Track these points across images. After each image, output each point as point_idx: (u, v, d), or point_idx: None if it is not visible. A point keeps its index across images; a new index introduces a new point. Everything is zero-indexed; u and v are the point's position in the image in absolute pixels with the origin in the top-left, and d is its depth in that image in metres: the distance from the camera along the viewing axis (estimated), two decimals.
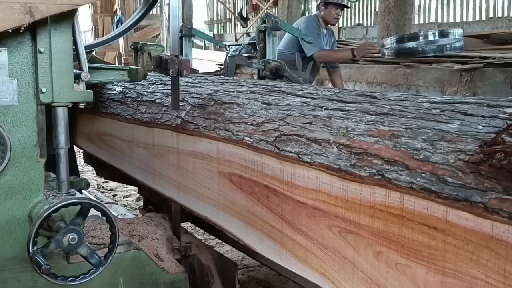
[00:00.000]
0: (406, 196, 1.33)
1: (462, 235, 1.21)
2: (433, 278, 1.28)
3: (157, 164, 2.59)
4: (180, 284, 2.26)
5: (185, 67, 2.28)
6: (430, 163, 1.31)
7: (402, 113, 1.59)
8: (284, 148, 1.75)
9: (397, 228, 1.36)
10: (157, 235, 2.43)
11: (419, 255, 1.31)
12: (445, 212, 1.24)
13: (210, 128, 2.15)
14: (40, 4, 1.64)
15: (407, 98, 1.80)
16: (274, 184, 1.79)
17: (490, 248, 1.16)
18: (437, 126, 1.42)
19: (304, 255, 1.68)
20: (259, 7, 14.91)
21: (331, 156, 1.57)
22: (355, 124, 1.63)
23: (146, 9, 2.84)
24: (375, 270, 1.43)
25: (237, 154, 1.98)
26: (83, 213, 1.80)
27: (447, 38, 6.61)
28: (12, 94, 1.76)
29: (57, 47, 1.77)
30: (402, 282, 1.36)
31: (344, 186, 1.51)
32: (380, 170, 1.40)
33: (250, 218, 1.93)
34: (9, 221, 1.82)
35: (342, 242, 1.53)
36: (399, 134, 1.46)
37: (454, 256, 1.24)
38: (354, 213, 1.48)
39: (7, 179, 1.79)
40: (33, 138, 1.81)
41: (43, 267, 1.70)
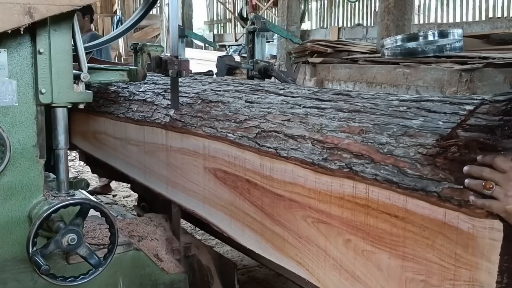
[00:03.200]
0: (371, 187, 1.43)
1: (420, 222, 1.31)
2: (395, 263, 1.38)
3: (147, 161, 2.67)
4: (179, 285, 2.26)
5: (184, 68, 2.29)
6: (393, 156, 1.41)
7: (372, 110, 1.68)
8: (264, 144, 1.84)
9: (363, 217, 1.46)
10: (156, 235, 2.44)
11: (383, 242, 1.41)
12: (405, 202, 1.34)
13: (197, 125, 2.24)
14: (39, 5, 1.64)
15: (379, 96, 1.87)
16: (255, 178, 1.88)
17: (443, 234, 1.26)
18: (402, 122, 1.51)
19: (281, 244, 1.78)
20: (259, 7, 14.91)
21: (305, 151, 1.67)
22: (329, 121, 1.72)
23: (146, 10, 2.84)
24: (344, 257, 1.53)
25: (221, 150, 2.07)
26: (82, 214, 1.80)
27: (446, 38, 6.61)
28: (12, 95, 1.76)
29: (56, 47, 1.78)
30: (368, 268, 1.46)
31: (317, 179, 1.61)
32: (349, 163, 1.51)
33: (233, 211, 2.02)
34: (8, 222, 1.82)
35: (315, 231, 1.62)
36: (368, 130, 1.55)
37: (413, 242, 1.33)
38: (325, 204, 1.58)
39: (6, 179, 1.79)
40: (33, 139, 1.82)
41: (42, 268, 1.70)
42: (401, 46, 6.77)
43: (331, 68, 8.50)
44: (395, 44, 6.87)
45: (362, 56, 7.79)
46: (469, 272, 1.22)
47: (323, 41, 9.42)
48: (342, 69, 8.07)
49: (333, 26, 12.42)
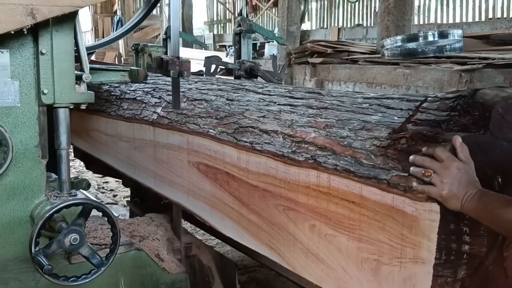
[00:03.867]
0: (332, 176, 1.58)
1: (372, 207, 1.45)
2: (352, 244, 1.52)
3: (137, 156, 2.79)
4: (180, 284, 2.27)
5: (185, 68, 2.29)
6: (351, 148, 1.56)
7: (338, 107, 1.83)
8: (241, 138, 1.98)
9: (325, 204, 1.60)
10: (158, 235, 2.44)
11: (342, 226, 1.55)
12: (360, 189, 1.48)
13: (181, 122, 2.37)
14: (42, 6, 1.65)
15: (346, 94, 2.04)
16: (233, 171, 2.02)
17: (392, 217, 1.40)
18: (362, 118, 1.66)
19: (256, 231, 1.91)
20: (259, 7, 14.91)
21: (277, 144, 1.82)
22: (299, 117, 1.87)
23: (147, 10, 2.84)
24: (310, 241, 1.67)
25: (204, 145, 2.20)
26: (84, 214, 1.81)
27: (446, 38, 6.61)
28: (14, 95, 1.77)
29: (58, 48, 1.79)
30: (330, 250, 1.60)
31: (286, 170, 1.75)
32: (314, 155, 1.65)
33: (214, 201, 2.15)
34: (11, 222, 1.83)
35: (285, 218, 1.76)
36: (332, 125, 1.71)
37: (367, 225, 1.47)
38: (294, 193, 1.72)
39: (9, 180, 1.80)
40: (35, 139, 1.82)
41: (45, 268, 1.71)
42: (401, 46, 6.78)
43: (331, 69, 8.50)
44: (395, 45, 6.88)
45: (362, 57, 7.80)
46: (413, 250, 1.36)
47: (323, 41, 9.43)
48: (342, 70, 8.08)
49: (333, 26, 12.42)
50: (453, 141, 1.32)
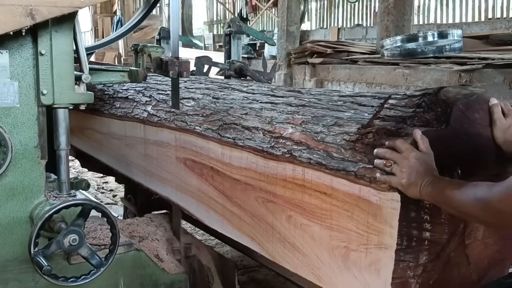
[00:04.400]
0: (306, 169, 1.68)
1: (342, 198, 1.55)
2: (324, 233, 1.62)
3: (128, 153, 2.89)
4: (180, 285, 2.27)
5: (185, 69, 2.29)
6: (324, 143, 1.67)
7: (315, 104, 1.93)
8: (225, 135, 2.08)
9: (300, 195, 1.70)
10: (157, 236, 2.44)
11: (315, 216, 1.65)
12: (331, 180, 1.59)
13: (170, 120, 2.47)
14: (41, 6, 1.65)
15: (324, 92, 2.14)
16: (217, 166, 2.12)
17: (359, 206, 1.50)
18: (336, 114, 1.77)
19: (239, 223, 2.02)
20: (259, 7, 14.91)
21: (257, 140, 1.92)
22: (278, 114, 1.97)
23: (147, 10, 2.84)
24: (287, 231, 1.78)
25: (190, 141, 2.30)
26: (84, 214, 1.81)
27: (446, 39, 6.61)
28: (13, 96, 1.77)
29: (58, 49, 1.78)
30: (304, 239, 1.70)
31: (266, 164, 1.86)
32: (290, 149, 1.76)
33: (200, 195, 2.25)
34: (10, 222, 1.83)
35: (265, 210, 1.87)
36: (307, 121, 1.81)
37: (337, 215, 1.58)
38: (272, 186, 1.83)
39: (8, 180, 1.80)
40: (34, 140, 1.82)
41: (44, 268, 1.71)
42: (400, 46, 6.77)
43: (331, 69, 8.50)
44: (394, 45, 6.87)
45: (362, 57, 7.80)
46: (377, 237, 1.46)
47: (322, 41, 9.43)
48: (341, 70, 8.08)
49: (333, 26, 12.42)
50: (414, 134, 1.43)
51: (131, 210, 3.56)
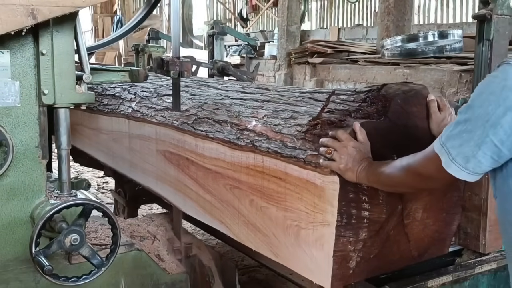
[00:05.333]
0: (265, 158, 1.87)
1: (294, 182, 1.74)
2: (280, 214, 1.81)
3: (115, 147, 3.08)
4: (181, 285, 2.27)
5: (186, 69, 2.29)
6: (281, 134, 1.85)
7: (278, 100, 2.15)
8: (198, 128, 2.26)
9: (260, 181, 1.89)
10: (158, 235, 2.44)
11: (273, 199, 1.84)
12: (285, 167, 1.78)
13: (151, 115, 2.65)
14: (42, 6, 1.64)
15: (288, 89, 2.37)
16: (192, 157, 2.30)
17: (307, 189, 1.69)
18: (293, 109, 1.97)
19: (210, 208, 2.20)
20: (259, 7, 14.91)
21: (226, 132, 2.10)
22: (245, 109, 2.16)
23: (148, 10, 2.84)
24: (250, 213, 1.96)
25: (169, 135, 2.47)
26: (85, 214, 1.80)
27: (446, 39, 6.60)
28: (15, 96, 1.77)
29: (59, 49, 1.78)
30: (264, 219, 1.89)
31: (232, 154, 2.03)
32: (252, 140, 1.95)
33: (177, 184, 2.43)
34: (11, 222, 1.82)
35: (232, 195, 2.05)
36: (269, 115, 2.01)
37: (290, 197, 1.76)
38: (238, 173, 2.01)
39: (9, 180, 1.80)
40: (35, 140, 1.82)
41: (45, 268, 1.71)
42: (401, 46, 6.77)
43: (331, 69, 8.50)
44: (395, 45, 6.87)
45: (362, 57, 7.80)
46: (321, 215, 1.64)
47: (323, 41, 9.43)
48: (342, 70, 8.08)
49: (333, 26, 12.41)
50: (353, 126, 1.62)
51: (121, 203, 3.73)
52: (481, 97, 1.23)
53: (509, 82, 1.18)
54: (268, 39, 13.07)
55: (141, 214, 4.31)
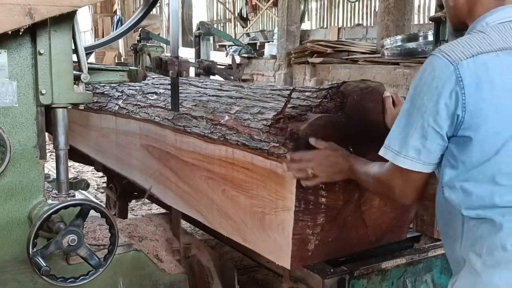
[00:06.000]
0: (235, 150, 2.00)
1: (260, 172, 1.88)
2: (248, 201, 1.95)
3: (104, 143, 3.22)
4: (180, 285, 2.26)
5: (184, 68, 2.29)
6: (249, 127, 1.98)
7: (250, 97, 2.30)
8: (177, 123, 2.38)
9: (231, 172, 2.03)
10: (156, 236, 2.44)
11: (241, 188, 1.98)
12: (252, 158, 1.91)
13: (136, 111, 2.78)
14: (40, 6, 1.63)
15: (261, 87, 2.53)
16: (172, 150, 2.43)
17: (270, 178, 1.82)
18: (262, 105, 2.12)
19: (188, 198, 2.35)
20: (259, 7, 14.90)
21: (201, 127, 2.23)
22: (220, 105, 2.30)
23: (146, 10, 2.84)
24: (222, 202, 2.10)
25: (151, 130, 2.62)
26: (83, 215, 1.80)
27: None
28: (12, 96, 1.76)
29: (57, 48, 1.77)
30: (235, 207, 2.03)
31: (207, 147, 2.17)
32: (224, 134, 2.07)
33: (159, 177, 2.58)
34: (9, 222, 1.82)
35: (206, 186, 2.19)
36: (240, 110, 2.13)
37: (256, 186, 1.90)
38: (211, 165, 2.15)
39: (7, 180, 1.79)
40: (33, 140, 1.81)
41: (42, 269, 1.70)
42: (401, 46, 6.77)
43: (331, 68, 8.50)
44: (395, 44, 6.87)
45: (362, 57, 7.80)
46: (282, 201, 1.78)
47: (323, 41, 9.43)
48: (342, 69, 8.08)
49: (333, 26, 12.41)
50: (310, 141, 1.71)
51: (112, 198, 3.88)
52: (417, 90, 1.34)
53: (437, 72, 1.30)
54: (268, 38, 13.06)
55: (140, 215, 4.31)
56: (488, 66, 1.27)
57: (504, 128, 1.28)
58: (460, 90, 1.27)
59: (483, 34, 1.33)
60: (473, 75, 1.27)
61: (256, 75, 10.87)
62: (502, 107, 1.27)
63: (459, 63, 1.27)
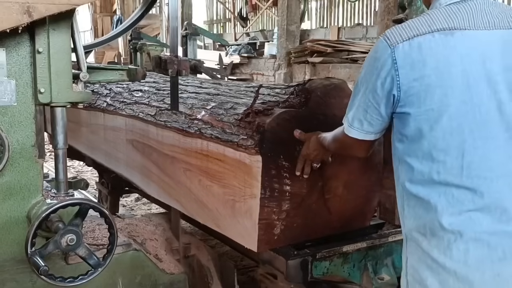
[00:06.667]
0: (209, 143, 2.15)
1: (230, 162, 2.02)
2: (220, 190, 2.09)
3: (93, 138, 3.38)
4: (179, 285, 2.26)
5: (184, 67, 2.28)
6: (222, 122, 2.13)
7: (226, 93, 2.45)
8: (159, 119, 2.53)
9: (206, 163, 2.17)
10: (156, 235, 2.43)
11: (215, 178, 2.12)
12: (224, 150, 2.06)
13: (122, 108, 2.93)
14: (38, 4, 1.63)
15: (237, 84, 2.73)
16: (154, 144, 2.58)
17: (239, 168, 1.97)
18: (235, 101, 2.26)
19: (168, 189, 2.49)
20: (259, 7, 14.90)
21: (180, 121, 2.36)
22: (198, 101, 2.44)
23: (145, 9, 2.83)
24: (199, 192, 2.24)
25: (136, 125, 2.77)
26: (81, 214, 1.79)
27: None
28: (11, 95, 1.75)
29: (55, 47, 1.76)
30: (209, 196, 2.18)
31: (185, 140, 2.31)
32: (199, 128, 2.22)
33: (143, 169, 2.74)
34: (7, 222, 1.81)
35: (184, 177, 2.32)
36: (216, 106, 2.28)
37: (227, 176, 2.05)
38: (189, 157, 2.29)
39: (5, 179, 1.78)
40: (32, 139, 1.80)
41: (41, 268, 1.69)
42: None
43: (331, 68, 8.49)
44: None
45: (362, 56, 7.79)
46: (250, 189, 1.92)
47: (323, 40, 9.42)
48: (342, 69, 8.08)
49: (333, 25, 12.40)
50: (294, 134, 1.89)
51: (104, 192, 4.04)
52: (364, 70, 1.49)
53: (378, 53, 1.42)
54: (268, 38, 13.05)
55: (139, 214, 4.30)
56: (422, 47, 1.37)
57: (436, 105, 1.36)
58: (395, 72, 1.38)
59: (428, 15, 1.42)
60: (407, 57, 1.37)
61: (256, 75, 10.87)
62: (434, 86, 1.36)
63: (395, 46, 1.38)
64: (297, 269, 1.96)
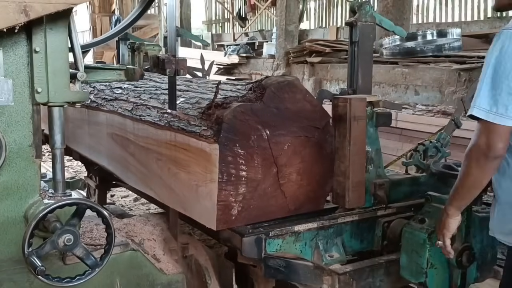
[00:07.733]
0: (177, 134, 2.32)
1: (194, 151, 2.19)
2: (186, 176, 2.27)
3: (79, 133, 3.58)
4: (177, 285, 2.25)
5: (182, 67, 2.28)
6: (188, 115, 2.32)
7: (194, 90, 2.73)
8: (135, 113, 2.73)
9: (174, 153, 2.35)
10: (154, 235, 2.42)
11: (181, 166, 2.30)
12: (188, 140, 2.23)
13: (103, 104, 3.13)
14: (35, 3, 1.62)
15: (207, 81, 3.10)
16: (131, 137, 2.77)
17: (202, 156, 2.14)
18: (202, 96, 2.50)
19: (144, 178, 2.69)
20: (258, 7, 14.89)
21: (153, 116, 2.58)
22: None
23: (142, 9, 2.83)
24: (168, 179, 2.42)
25: (115, 120, 2.95)
26: (79, 214, 1.78)
27: (445, 38, 6.59)
28: (8, 94, 1.74)
29: (52, 46, 1.76)
30: (177, 182, 2.34)
31: (156, 132, 2.49)
32: (169, 121, 2.41)
33: (122, 161, 2.92)
34: (4, 222, 1.80)
35: (157, 166, 2.51)
36: (185, 102, 2.49)
37: (192, 163, 2.22)
38: (160, 148, 2.46)
39: (2, 179, 1.78)
40: (29, 139, 1.80)
41: (38, 268, 1.69)
42: (399, 45, 6.76)
43: (330, 68, 8.49)
44: (393, 44, 6.86)
45: None
46: (210, 175, 2.09)
47: (321, 40, 9.42)
48: (340, 69, 8.06)
49: (332, 25, 12.41)
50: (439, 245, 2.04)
51: (92, 186, 4.21)
52: (498, 59, 1.65)
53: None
54: (267, 38, 13.04)
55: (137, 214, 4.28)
56: None
57: None
58: None
59: None
60: None
61: (255, 75, 10.86)
62: None
63: None
64: (252, 246, 2.13)
